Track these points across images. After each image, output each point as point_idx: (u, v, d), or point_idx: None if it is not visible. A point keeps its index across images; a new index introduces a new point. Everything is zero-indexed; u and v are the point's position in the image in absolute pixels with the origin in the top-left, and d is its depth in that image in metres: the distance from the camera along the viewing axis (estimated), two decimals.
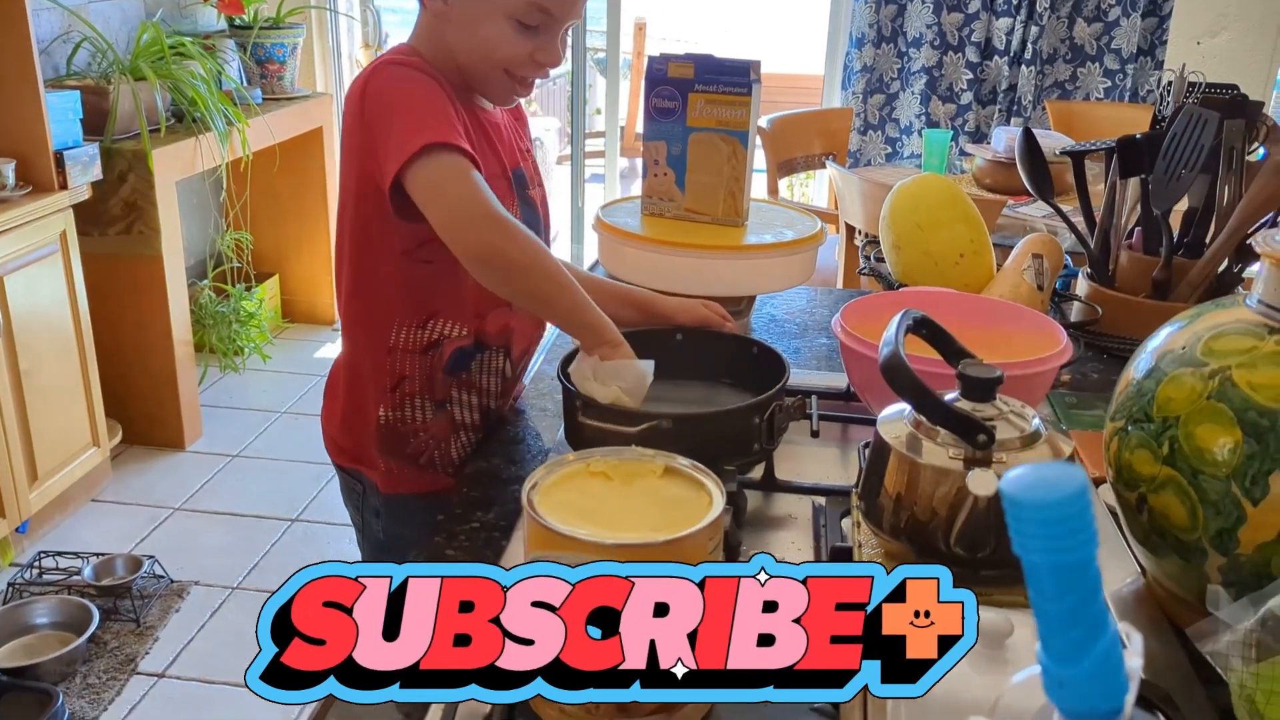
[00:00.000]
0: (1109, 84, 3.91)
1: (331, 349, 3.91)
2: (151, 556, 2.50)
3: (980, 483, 0.78)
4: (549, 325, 1.41)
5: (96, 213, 2.87)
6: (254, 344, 3.58)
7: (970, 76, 3.95)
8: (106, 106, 2.85)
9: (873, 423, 1.21)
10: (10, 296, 2.43)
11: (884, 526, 0.90)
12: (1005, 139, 3.14)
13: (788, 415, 1.09)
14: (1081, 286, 1.53)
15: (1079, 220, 1.54)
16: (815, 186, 4.76)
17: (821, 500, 1.07)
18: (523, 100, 1.32)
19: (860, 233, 2.70)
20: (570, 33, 1.23)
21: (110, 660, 2.22)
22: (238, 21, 3.63)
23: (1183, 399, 0.81)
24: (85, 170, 2.65)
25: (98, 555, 2.49)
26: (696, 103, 1.43)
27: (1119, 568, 0.95)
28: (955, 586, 0.87)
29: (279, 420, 3.36)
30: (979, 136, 4.01)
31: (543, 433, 1.24)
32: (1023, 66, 3.88)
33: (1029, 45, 3.85)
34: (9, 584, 2.39)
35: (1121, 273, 1.49)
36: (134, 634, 2.30)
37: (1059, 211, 1.53)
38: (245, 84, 3.52)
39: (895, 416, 0.92)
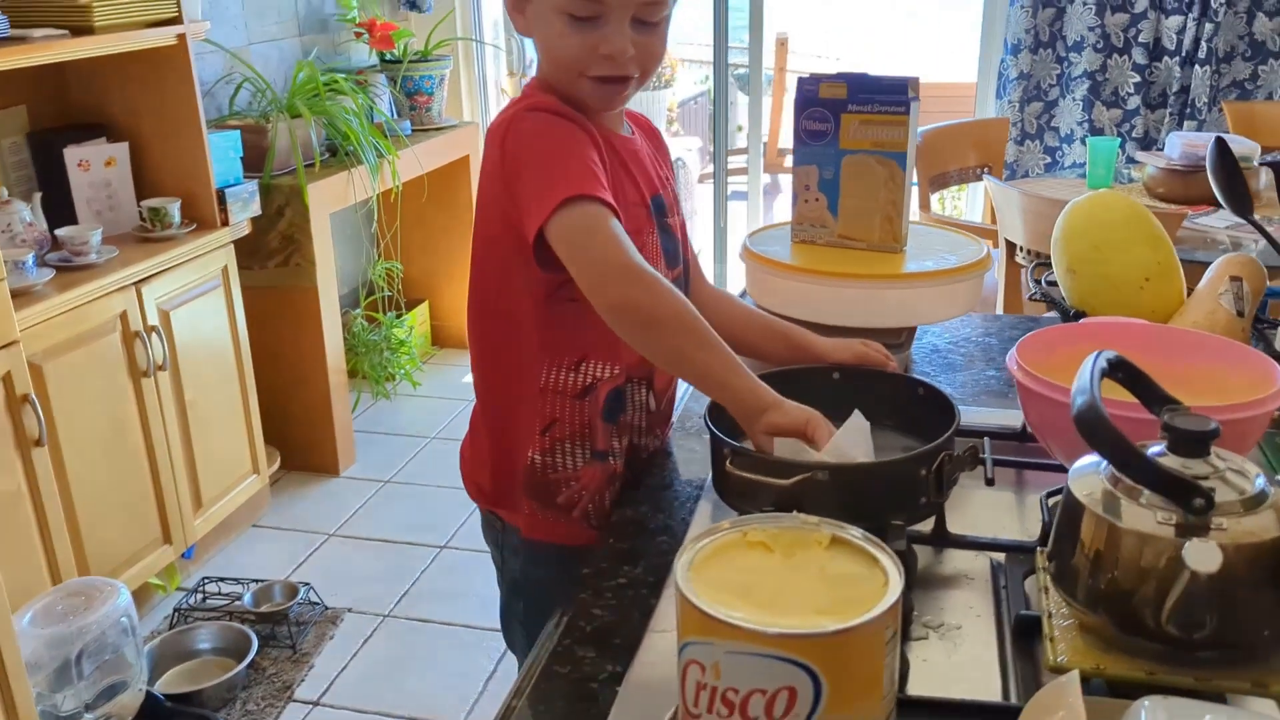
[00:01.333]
0: None
1: None
2: (307, 583, 2.55)
3: (1200, 558, 0.68)
4: None
5: (256, 246, 2.97)
6: (404, 370, 3.64)
7: (1138, 79, 3.72)
8: (265, 144, 2.95)
9: (1054, 468, 1.11)
10: (176, 330, 2.53)
11: (1078, 596, 0.80)
12: (1180, 145, 2.92)
13: (958, 465, 1.00)
14: None
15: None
16: (968, 200, 4.57)
17: (1000, 557, 0.98)
18: (664, 126, 1.28)
19: (1022, 249, 2.55)
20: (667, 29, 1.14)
21: (268, 687, 2.26)
22: (388, 56, 3.72)
23: None
24: (245, 206, 2.74)
25: (257, 581, 2.55)
26: (850, 124, 1.35)
27: None
28: (1166, 666, 0.77)
29: (429, 446, 3.40)
30: (1148, 143, 3.76)
31: (691, 478, 1.18)
32: (1196, 66, 3.63)
33: (1203, 44, 3.60)
34: (175, 609, 2.48)
35: None
36: (290, 661, 2.35)
37: (1261, 229, 1.38)
38: (395, 116, 3.61)
39: (1090, 471, 0.83)
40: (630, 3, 1.08)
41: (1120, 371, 0.84)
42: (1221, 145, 1.39)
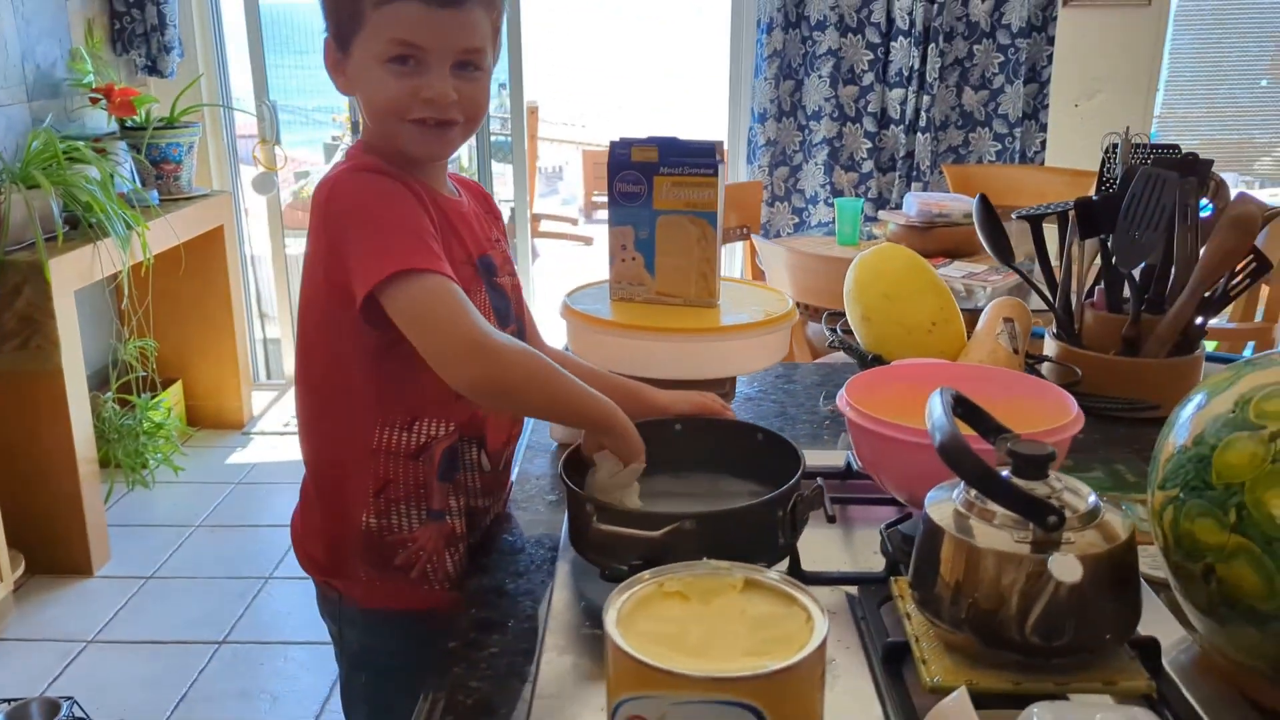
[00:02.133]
0: (999, 146, 4.06)
1: (243, 454, 3.74)
2: (70, 698, 2.30)
3: (1064, 569, 0.75)
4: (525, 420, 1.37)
5: None
6: (164, 456, 3.39)
7: (869, 145, 4.06)
8: None
9: (887, 501, 1.19)
10: None
11: (943, 617, 0.86)
12: (916, 203, 3.22)
13: (809, 505, 1.05)
14: (1049, 347, 1.54)
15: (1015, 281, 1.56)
16: (726, 260, 4.80)
17: (853, 590, 1.03)
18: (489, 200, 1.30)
19: (798, 304, 2.71)
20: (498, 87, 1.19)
21: None
22: (129, 123, 3.50)
23: (1244, 465, 0.80)
24: None
25: (8, 701, 2.27)
26: (663, 185, 1.40)
27: (1169, 633, 0.93)
28: (1027, 675, 0.83)
29: (193, 535, 3.17)
30: (882, 203, 4.11)
31: (541, 539, 1.17)
32: (918, 134, 4.01)
33: (922, 114, 3.98)
34: None
35: (1088, 331, 1.50)
36: None
37: (1023, 275, 1.55)
38: (140, 185, 3.39)
39: (942, 499, 0.89)
40: (449, 49, 1.10)
41: (959, 406, 0.91)
42: (985, 201, 1.54)
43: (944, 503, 0.89)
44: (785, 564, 1.04)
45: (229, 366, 3.85)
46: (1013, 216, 1.53)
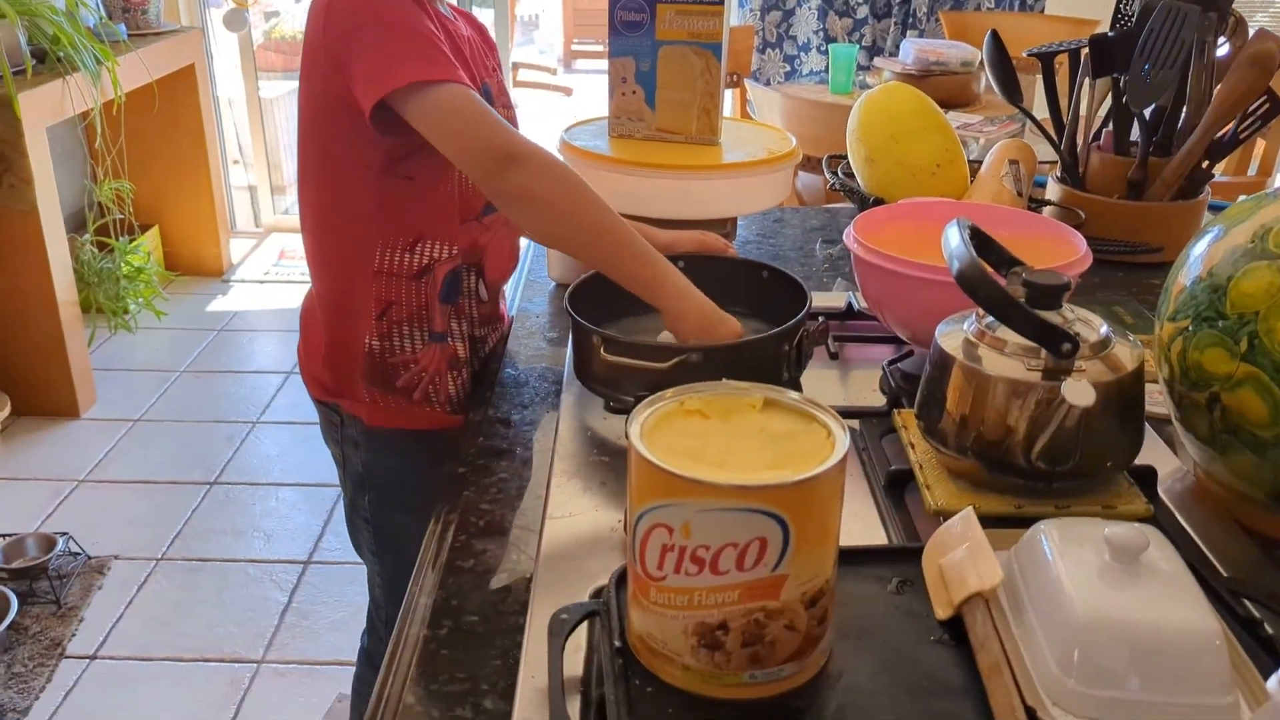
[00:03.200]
0: None
1: (224, 301, 3.70)
2: (65, 533, 2.33)
3: (1078, 394, 0.76)
4: (522, 251, 1.35)
5: None
6: (144, 300, 3.35)
7: None
8: None
9: (889, 340, 1.19)
10: None
11: (949, 444, 0.87)
12: (914, 50, 3.14)
13: (813, 340, 1.05)
14: (1053, 190, 1.52)
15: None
16: None
17: (855, 424, 1.04)
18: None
19: None
20: None
21: (34, 646, 2.07)
22: None
23: (1260, 293, 0.80)
24: None
25: (3, 536, 2.31)
26: (666, 14, 1.35)
27: (1164, 464, 0.95)
28: (1029, 500, 0.85)
29: (179, 380, 3.16)
30: (876, 50, 4.00)
31: (544, 373, 1.17)
32: None
33: None
34: None
35: (1092, 175, 1.49)
36: (56, 616, 2.15)
37: (1031, 117, 1.52)
38: (108, 18, 3.24)
39: (954, 329, 0.89)
40: None
41: (973, 238, 0.90)
42: (997, 39, 1.50)
43: (955, 333, 0.89)
44: None
45: (206, 212, 3.78)
46: (1023, 55, 1.49)
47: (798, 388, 1.05)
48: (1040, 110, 1.55)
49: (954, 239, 0.85)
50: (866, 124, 1.50)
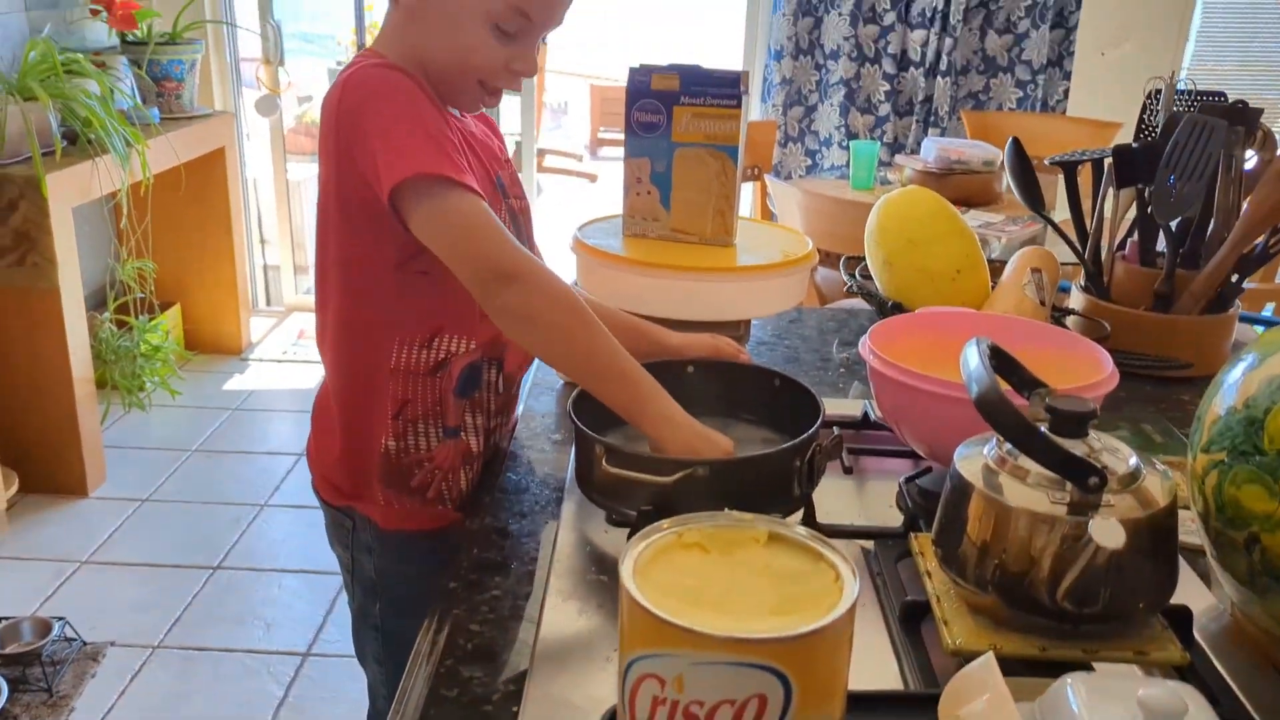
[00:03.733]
0: (1020, 94, 3.97)
1: (240, 380, 3.70)
2: (61, 618, 2.29)
3: (1107, 534, 0.71)
4: None
5: None
6: (160, 379, 3.35)
7: (888, 88, 3.96)
8: None
9: (905, 454, 1.15)
10: None
11: (968, 577, 0.82)
12: (935, 149, 3.14)
13: (827, 455, 1.00)
14: (1077, 299, 1.48)
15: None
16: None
17: (869, 544, 0.99)
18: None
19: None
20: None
21: None
22: (130, 37, 3.41)
23: None
24: None
25: (1, 619, 2.26)
26: (683, 116, 1.34)
27: (1198, 601, 0.89)
28: (1055, 641, 0.79)
29: (190, 459, 3.14)
30: (897, 147, 4.02)
31: (545, 478, 1.13)
32: (938, 78, 3.91)
33: (943, 57, 3.88)
34: None
35: (1118, 285, 1.45)
36: (47, 705, 2.09)
37: (1052, 224, 1.49)
38: (141, 102, 3.31)
39: (973, 454, 0.85)
40: (550, 24, 1.09)
41: (994, 358, 0.86)
42: (1018, 146, 1.48)
43: (974, 458, 0.84)
44: (799, 515, 1.00)
45: (228, 291, 3.80)
46: (1045, 162, 1.47)
47: (810, 504, 1.00)
48: (1061, 211, 1.52)
49: (973, 360, 0.81)
50: (885, 227, 1.48)
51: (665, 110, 1.34)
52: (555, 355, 1.08)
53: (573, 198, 6.61)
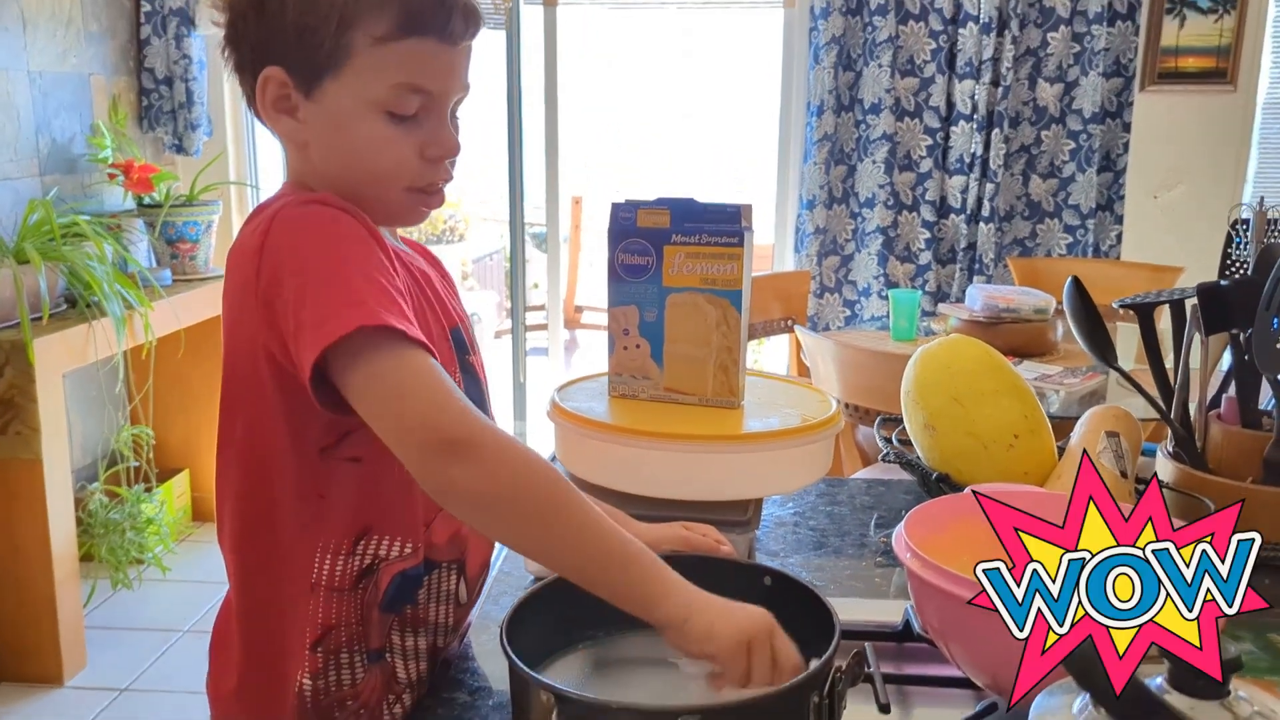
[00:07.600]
0: (1070, 239, 3.77)
1: None
2: None
3: None
4: None
5: None
6: (153, 554, 3.13)
7: (928, 235, 3.79)
8: None
9: (958, 682, 0.88)
10: None
11: None
12: (981, 296, 2.92)
13: (848, 681, 0.74)
14: (1164, 468, 1.22)
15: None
16: (767, 354, 4.52)
17: None
18: (458, 280, 1.04)
19: (843, 403, 2.41)
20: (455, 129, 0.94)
21: None
22: (147, 200, 3.35)
23: None
24: None
25: None
26: (675, 257, 1.13)
27: None
28: None
29: (179, 642, 2.89)
30: (940, 296, 3.81)
31: (498, 686, 0.88)
32: (981, 224, 3.73)
33: (985, 202, 3.71)
34: None
35: (1214, 451, 1.19)
36: None
37: (1127, 377, 1.24)
38: (154, 265, 3.22)
39: (1056, 707, 0.59)
40: (453, 90, 0.91)
41: None
42: (1079, 286, 1.25)
43: (1058, 713, 0.58)
44: None
45: None
46: (1112, 305, 1.24)
47: None
48: (1125, 363, 1.28)
49: None
50: (925, 382, 1.24)
51: (655, 250, 1.14)
52: (529, 541, 0.82)
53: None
